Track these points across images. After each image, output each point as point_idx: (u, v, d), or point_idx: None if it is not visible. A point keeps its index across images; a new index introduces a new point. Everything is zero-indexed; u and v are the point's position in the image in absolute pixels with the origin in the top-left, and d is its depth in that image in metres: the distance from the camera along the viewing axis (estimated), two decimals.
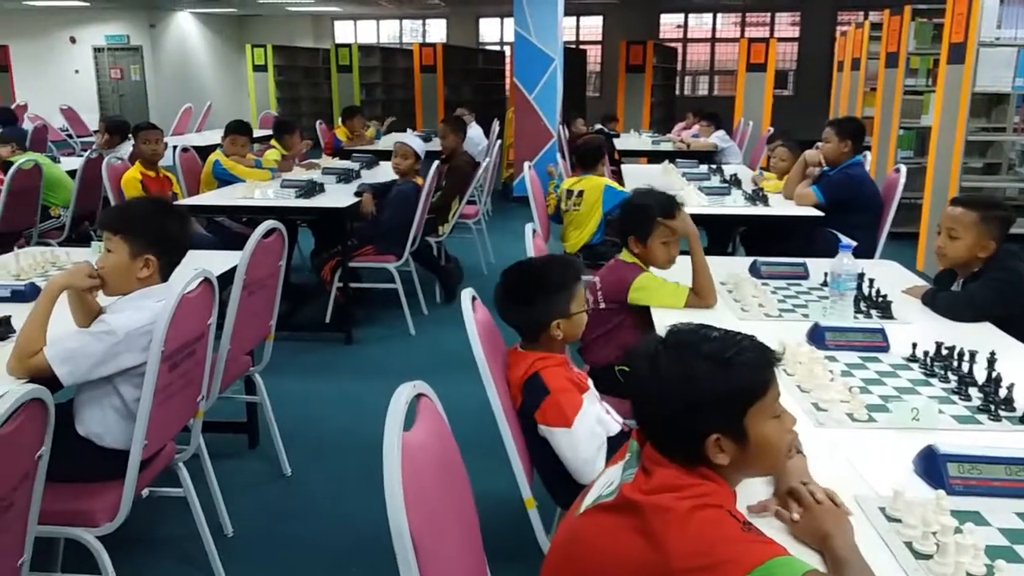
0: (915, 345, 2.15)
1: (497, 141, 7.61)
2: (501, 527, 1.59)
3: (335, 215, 4.57)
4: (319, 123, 8.79)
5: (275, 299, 2.93)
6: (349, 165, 5.92)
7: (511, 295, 2.02)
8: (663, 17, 16.97)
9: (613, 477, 1.31)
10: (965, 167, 5.87)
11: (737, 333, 1.28)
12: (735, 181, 5.06)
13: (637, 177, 5.34)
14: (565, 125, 8.63)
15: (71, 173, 5.46)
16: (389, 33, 18.52)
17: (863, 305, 2.56)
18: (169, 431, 2.22)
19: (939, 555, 1.25)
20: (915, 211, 6.42)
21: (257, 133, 7.57)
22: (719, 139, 7.81)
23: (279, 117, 7.75)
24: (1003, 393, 1.85)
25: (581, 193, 4.38)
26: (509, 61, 11.72)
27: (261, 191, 4.72)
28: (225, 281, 2.53)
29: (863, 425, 1.77)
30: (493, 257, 6.26)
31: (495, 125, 8.73)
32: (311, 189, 4.73)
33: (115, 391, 2.03)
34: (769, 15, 16.71)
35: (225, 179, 5.20)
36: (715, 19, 17.04)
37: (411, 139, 4.99)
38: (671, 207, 2.62)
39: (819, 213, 4.17)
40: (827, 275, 2.85)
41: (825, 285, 2.82)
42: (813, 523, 1.32)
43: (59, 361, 1.92)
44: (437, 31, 18.04)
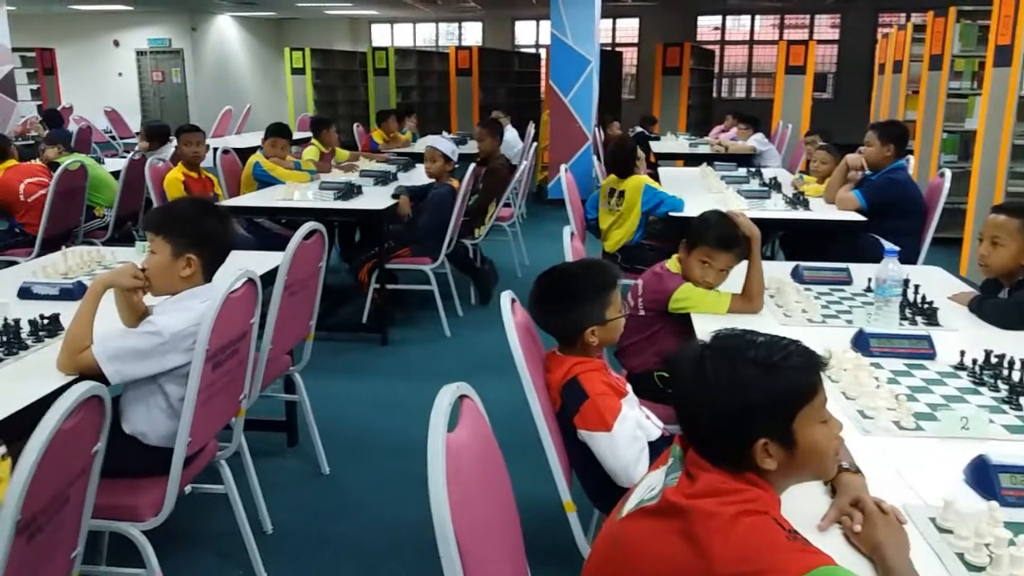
0: (963, 353, 2.11)
1: (532, 144, 7.61)
2: (538, 530, 1.59)
3: (373, 217, 4.61)
4: (356, 126, 8.88)
5: (315, 299, 2.96)
6: (386, 168, 5.98)
7: (545, 301, 2.02)
8: (700, 19, 16.85)
9: (655, 482, 1.31)
10: (1011, 172, 5.74)
11: (783, 338, 1.26)
12: (775, 184, 5.00)
13: (675, 180, 5.30)
14: (600, 128, 8.61)
15: (115, 174, 5.57)
16: (425, 36, 18.63)
17: (908, 311, 2.52)
18: (212, 429, 2.25)
19: (992, 567, 1.22)
20: (959, 216, 6.30)
21: (295, 136, 7.67)
22: (758, 142, 7.73)
23: (316, 116, 7.85)
24: None
25: (622, 193, 4.36)
26: (544, 64, 11.71)
27: (300, 193, 4.77)
28: (265, 281, 2.55)
29: (911, 433, 1.74)
30: (528, 260, 6.26)
31: (530, 128, 8.74)
32: (349, 191, 4.77)
33: (160, 390, 2.07)
34: (808, 17, 16.52)
35: (265, 181, 5.27)
36: (753, 21, 16.88)
37: (439, 142, 5.01)
38: (727, 242, 2.53)
39: (861, 218, 4.11)
40: (871, 280, 2.81)
41: (869, 291, 2.77)
42: (870, 531, 1.30)
43: (106, 359, 1.96)
44: (473, 34, 18.11)
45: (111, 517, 2.00)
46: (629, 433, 1.88)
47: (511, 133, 8.17)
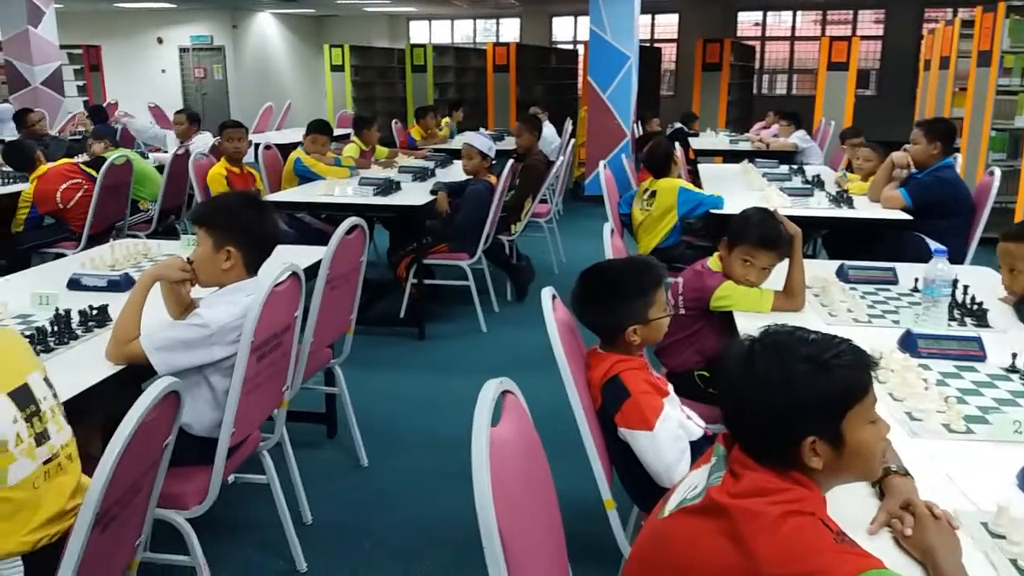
0: (1015, 355, 2.06)
1: (570, 140, 7.59)
2: (575, 527, 1.59)
3: (411, 213, 4.63)
4: (395, 122, 8.92)
5: (356, 294, 2.99)
6: (424, 164, 6.01)
7: (587, 297, 2.01)
8: (741, 15, 16.65)
9: (698, 481, 1.29)
10: None
11: (834, 336, 1.25)
12: (818, 182, 4.93)
13: (716, 177, 5.25)
14: (639, 124, 8.55)
15: (158, 168, 5.67)
16: (463, 33, 18.67)
17: (957, 312, 2.46)
18: (255, 419, 2.29)
19: None
20: (1008, 216, 6.16)
21: (335, 132, 7.74)
22: (799, 139, 7.62)
23: (358, 113, 7.92)
24: None
25: (654, 193, 4.32)
26: (582, 60, 11.64)
27: (340, 188, 4.82)
28: (307, 275, 2.58)
29: (961, 436, 1.70)
30: (564, 256, 6.25)
31: (567, 124, 8.71)
32: (388, 187, 4.80)
33: (206, 381, 2.10)
34: (852, 12, 16.23)
35: (306, 176, 5.32)
36: (795, 17, 16.64)
37: (475, 138, 5.02)
38: (768, 242, 2.49)
39: (906, 217, 4.03)
40: (917, 280, 2.77)
41: (916, 291, 2.72)
42: (921, 535, 1.28)
43: (154, 350, 2.00)
44: (510, 30, 18.10)
45: (157, 505, 2.03)
46: (671, 432, 1.87)
47: (548, 129, 8.15)
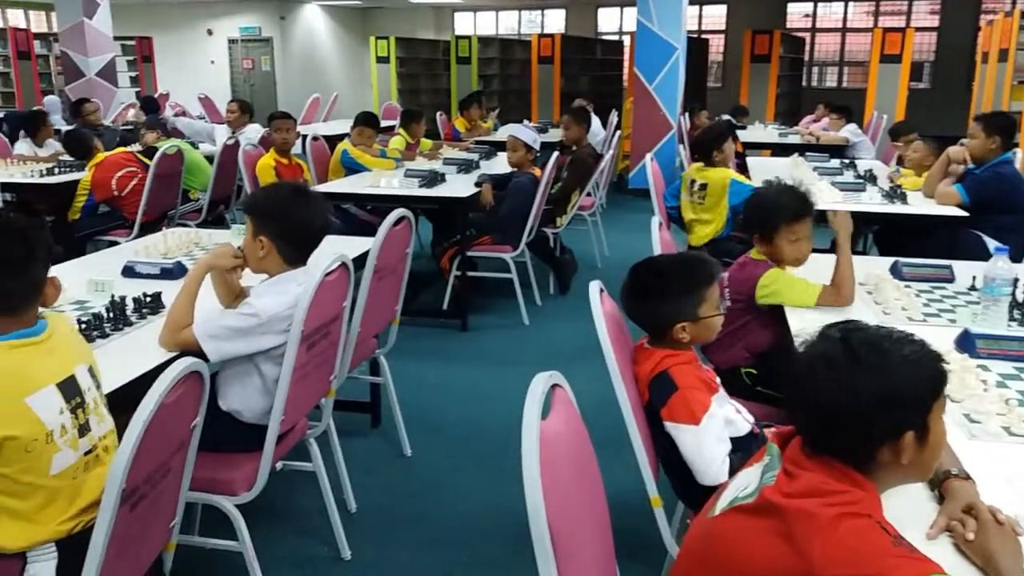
0: None
1: (615, 133, 7.53)
2: (617, 522, 1.58)
3: (456, 205, 4.64)
4: (439, 114, 8.94)
5: (402, 285, 3.01)
6: (469, 156, 6.01)
7: (635, 292, 1.98)
8: (790, 6, 16.35)
9: (751, 479, 1.27)
10: None
11: (902, 331, 1.22)
12: (870, 177, 4.82)
13: (764, 170, 5.17)
14: (687, 116, 8.45)
15: (208, 159, 5.76)
16: (508, 24, 18.64)
17: (1017, 312, 2.39)
18: (304, 407, 2.31)
19: None
20: None
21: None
22: (851, 133, 7.46)
23: (406, 107, 7.97)
24: None
25: (704, 185, 4.27)
26: (628, 51, 11.53)
27: (386, 180, 4.85)
28: (355, 266, 2.60)
29: (1022, 440, 1.65)
30: (608, 250, 6.22)
31: (613, 116, 8.65)
32: (433, 179, 4.82)
33: (256, 370, 2.13)
34: (906, 3, 15.83)
35: (352, 168, 5.37)
36: (846, 8, 16.29)
37: (520, 131, 5.01)
38: (802, 211, 2.48)
39: (962, 213, 3.93)
40: (975, 279, 2.69)
41: (973, 289, 2.65)
42: (984, 539, 1.25)
43: (206, 337, 2.03)
44: (555, 21, 18.02)
45: (207, 490, 2.07)
46: (716, 431, 1.84)
47: (593, 122, 8.10)
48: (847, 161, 5.74)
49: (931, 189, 4.22)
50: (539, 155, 4.99)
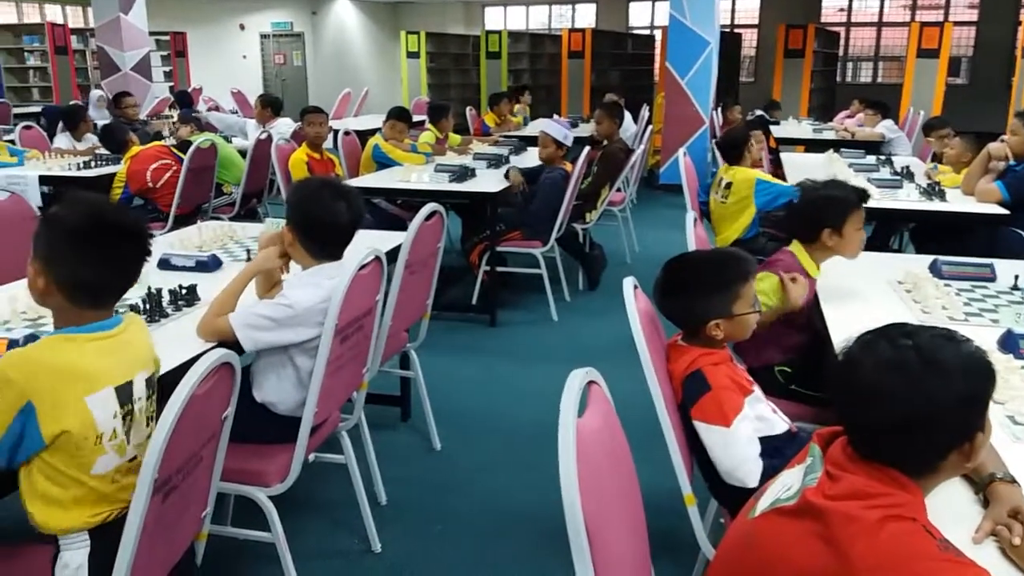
0: None
1: (647, 128, 7.48)
2: (649, 520, 1.57)
3: (486, 199, 4.64)
4: (469, 109, 8.94)
5: (433, 279, 3.01)
6: (498, 151, 6.01)
7: (668, 287, 1.97)
8: (825, 0, 16.13)
9: (792, 481, 1.25)
10: None
11: (950, 330, 1.20)
12: (907, 174, 4.74)
13: (799, 166, 5.10)
14: (720, 111, 8.37)
15: (240, 152, 5.81)
16: (538, 19, 18.59)
17: None
18: (337, 400, 2.32)
19: None
20: None
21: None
22: (887, 129, 7.34)
23: (434, 102, 8.00)
24: None
25: (729, 184, 4.22)
26: (659, 45, 11.46)
27: (416, 175, 4.85)
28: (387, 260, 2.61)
29: None
30: (638, 246, 6.18)
31: (644, 111, 8.59)
32: (463, 174, 4.82)
33: (291, 362, 2.14)
34: None
35: (383, 162, 5.39)
36: (882, 2, 16.03)
37: (551, 126, 4.99)
38: (865, 196, 2.53)
39: (1003, 211, 3.84)
40: (1017, 278, 2.64)
41: (1016, 288, 2.60)
42: None
43: (241, 326, 2.05)
44: (586, 16, 17.94)
45: (240, 481, 2.09)
46: (747, 434, 1.81)
47: (626, 117, 8.05)
48: (883, 158, 5.65)
49: (971, 186, 4.14)
50: (569, 148, 4.97)
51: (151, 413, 1.63)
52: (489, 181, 4.81)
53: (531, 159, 5.49)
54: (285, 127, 6.59)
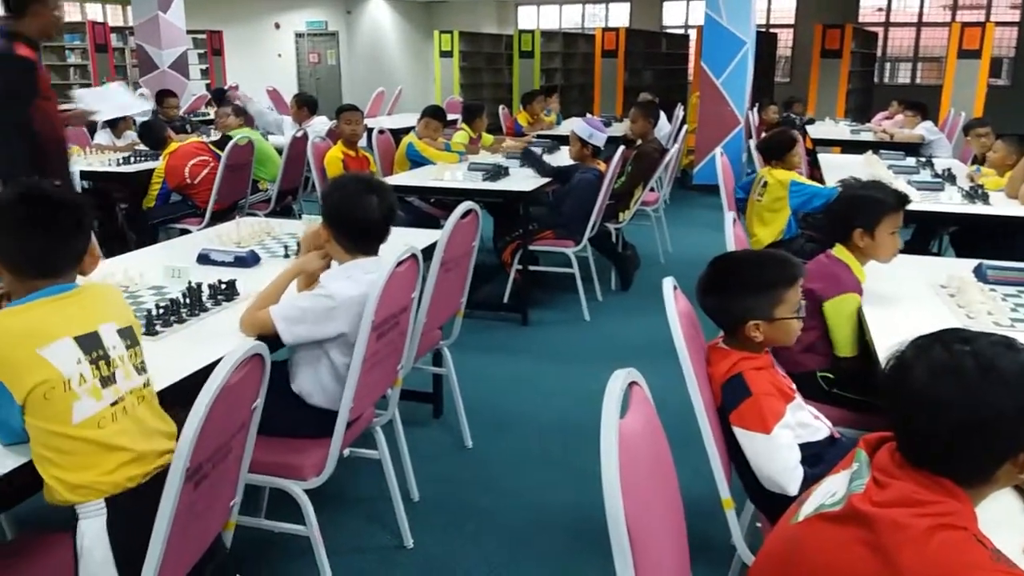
0: None
1: (681, 127, 7.43)
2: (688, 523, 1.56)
3: (519, 199, 4.63)
4: (501, 108, 8.94)
5: (467, 277, 3.01)
6: (532, 151, 5.99)
7: (709, 284, 1.94)
8: (863, 0, 15.91)
9: (837, 487, 1.23)
10: None
11: (1006, 336, 1.17)
12: (949, 176, 4.65)
13: (837, 167, 5.03)
14: (756, 111, 8.29)
15: (277, 150, 5.86)
16: (571, 19, 18.54)
17: None
18: (373, 396, 2.33)
19: None
20: None
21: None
22: (926, 130, 7.21)
23: (467, 102, 8.01)
24: None
25: (766, 184, 4.17)
26: (694, 44, 11.36)
27: (450, 173, 4.86)
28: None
29: None
30: (671, 246, 6.14)
31: (678, 111, 8.53)
32: (497, 172, 4.83)
33: (326, 356, 2.16)
34: None
35: (417, 161, 5.41)
36: (922, 2, 15.76)
37: (578, 125, 4.98)
38: (904, 200, 2.45)
39: None
40: None
41: None
42: None
43: (280, 318, 2.07)
44: (619, 15, 17.86)
45: (277, 474, 2.11)
46: (787, 440, 1.79)
47: (660, 116, 8.00)
48: (923, 159, 5.55)
49: (1015, 189, 4.05)
50: (602, 148, 4.95)
51: (138, 363, 1.67)
52: (523, 180, 4.81)
53: (564, 158, 5.48)
54: (321, 125, 6.64)
